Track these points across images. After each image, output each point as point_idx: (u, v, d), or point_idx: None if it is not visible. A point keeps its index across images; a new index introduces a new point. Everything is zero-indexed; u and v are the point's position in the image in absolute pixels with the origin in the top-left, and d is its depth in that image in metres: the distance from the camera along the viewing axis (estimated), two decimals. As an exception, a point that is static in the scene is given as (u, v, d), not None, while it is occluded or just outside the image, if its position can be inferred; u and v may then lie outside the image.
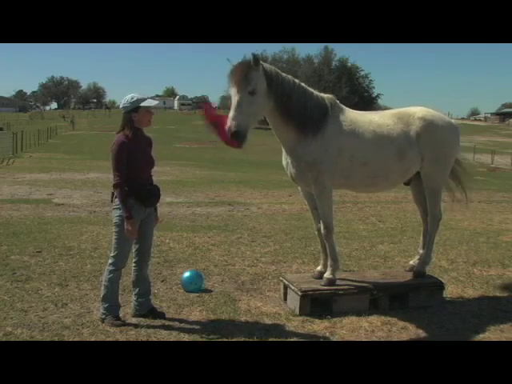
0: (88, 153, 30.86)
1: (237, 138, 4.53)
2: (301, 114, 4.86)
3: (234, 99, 4.56)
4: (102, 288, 4.67)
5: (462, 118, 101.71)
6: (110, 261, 4.67)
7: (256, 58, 4.61)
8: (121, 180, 4.52)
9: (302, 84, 5.04)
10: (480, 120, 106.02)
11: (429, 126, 5.25)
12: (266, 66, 4.78)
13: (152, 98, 4.96)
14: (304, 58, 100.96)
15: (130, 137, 4.59)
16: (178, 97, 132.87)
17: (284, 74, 4.91)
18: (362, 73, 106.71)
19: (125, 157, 4.53)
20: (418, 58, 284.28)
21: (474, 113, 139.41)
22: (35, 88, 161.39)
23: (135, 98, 4.59)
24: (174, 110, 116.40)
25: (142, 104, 4.57)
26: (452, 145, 5.45)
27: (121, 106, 4.69)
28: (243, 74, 4.55)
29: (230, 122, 4.50)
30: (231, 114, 4.53)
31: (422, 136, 5.21)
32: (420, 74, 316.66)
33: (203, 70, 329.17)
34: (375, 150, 5.11)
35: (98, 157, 26.90)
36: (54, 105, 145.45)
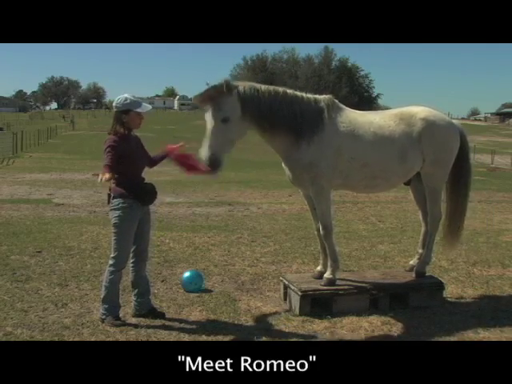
0: (88, 153, 30.80)
1: (213, 167, 4.57)
2: (290, 123, 4.81)
3: (208, 127, 4.58)
4: (103, 289, 4.67)
5: (462, 118, 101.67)
6: (110, 262, 4.67)
7: (228, 86, 4.56)
8: (111, 163, 4.41)
9: (290, 91, 4.96)
10: (480, 120, 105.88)
11: (431, 126, 5.23)
12: (241, 88, 4.67)
13: (148, 101, 4.95)
14: (304, 58, 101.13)
15: (121, 135, 4.58)
16: (178, 97, 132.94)
17: (264, 88, 4.80)
18: (362, 73, 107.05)
19: (116, 156, 4.50)
20: (418, 57, 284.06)
21: (474, 113, 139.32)
22: (35, 88, 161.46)
23: (128, 101, 4.57)
24: (174, 110, 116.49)
25: (134, 109, 4.56)
26: (453, 145, 5.44)
27: (113, 105, 4.67)
28: (214, 100, 4.53)
29: (202, 152, 4.54)
30: (206, 142, 4.55)
31: (423, 137, 5.19)
32: (420, 74, 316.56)
33: (203, 70, 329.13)
34: (376, 151, 5.08)
35: (98, 157, 26.79)
36: (54, 105, 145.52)
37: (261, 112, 4.72)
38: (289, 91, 4.97)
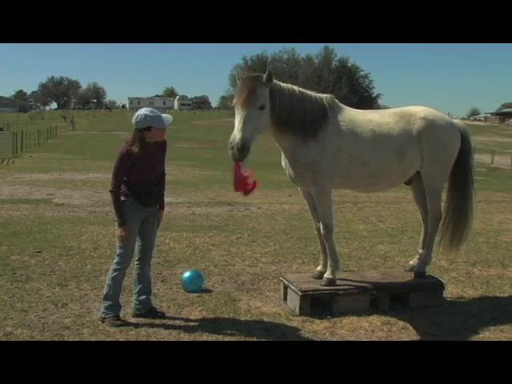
0: (88, 153, 30.84)
1: (243, 152, 4.47)
2: (300, 121, 4.86)
3: (242, 113, 4.51)
4: (105, 286, 4.70)
5: (462, 118, 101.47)
6: (114, 260, 4.72)
7: (270, 76, 4.64)
8: (116, 189, 4.59)
9: (301, 90, 5.03)
10: (480, 120, 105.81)
11: (430, 126, 5.24)
12: (275, 82, 4.78)
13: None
14: (304, 58, 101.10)
15: (136, 152, 4.57)
16: (178, 97, 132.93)
17: (284, 86, 4.89)
18: (362, 73, 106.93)
19: (125, 168, 4.57)
20: (418, 57, 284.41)
21: (474, 113, 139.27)
22: (35, 88, 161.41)
23: (149, 118, 4.52)
24: (174, 110, 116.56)
25: (156, 126, 4.55)
26: (453, 145, 5.44)
27: (133, 121, 4.57)
28: (254, 88, 4.57)
29: (237, 135, 4.44)
30: (239, 126, 4.47)
31: (423, 136, 5.21)
32: (420, 73, 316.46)
33: (203, 70, 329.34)
34: (374, 149, 5.10)
35: (98, 157, 26.89)
36: (54, 105, 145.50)
37: (285, 106, 4.78)
38: (301, 89, 5.04)
